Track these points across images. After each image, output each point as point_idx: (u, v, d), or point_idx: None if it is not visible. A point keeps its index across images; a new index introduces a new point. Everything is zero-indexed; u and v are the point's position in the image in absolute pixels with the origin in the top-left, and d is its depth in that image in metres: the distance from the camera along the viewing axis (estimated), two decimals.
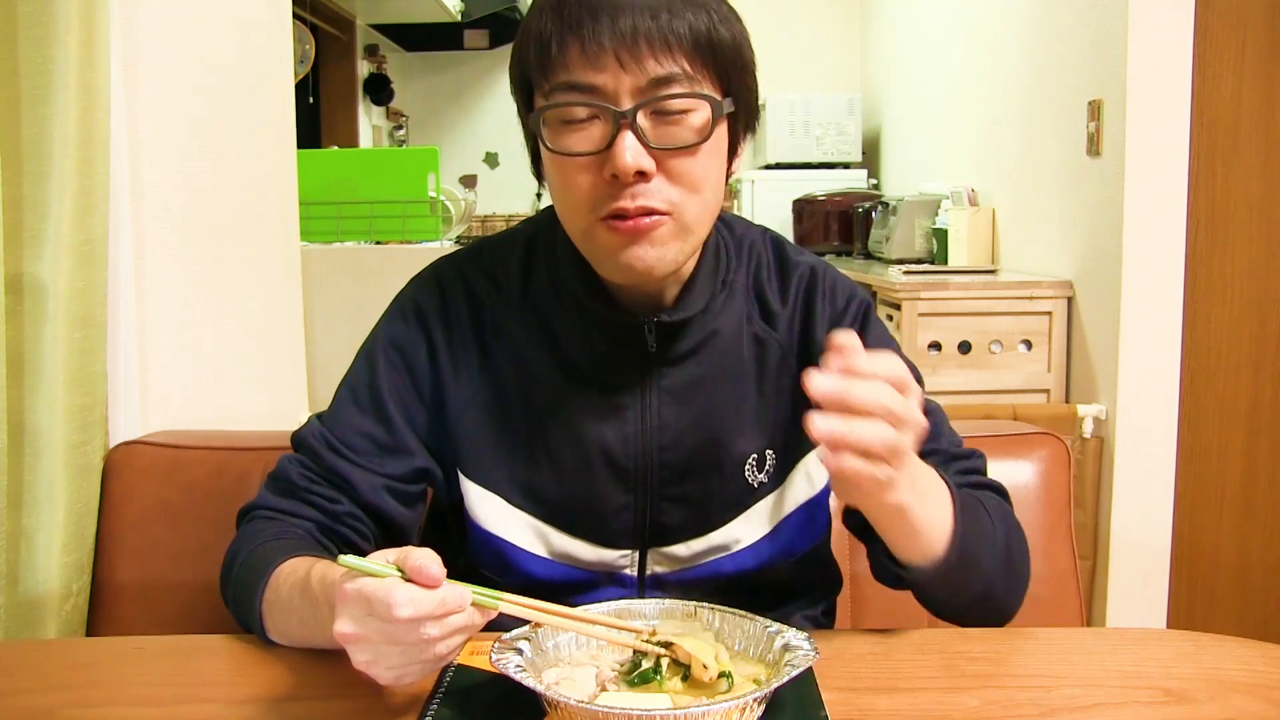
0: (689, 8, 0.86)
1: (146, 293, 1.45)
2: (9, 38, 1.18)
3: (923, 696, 0.79)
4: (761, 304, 1.00)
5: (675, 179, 0.87)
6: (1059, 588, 1.26)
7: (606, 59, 0.84)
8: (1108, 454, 2.38)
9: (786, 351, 1.00)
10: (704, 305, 0.96)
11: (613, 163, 0.84)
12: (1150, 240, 2.32)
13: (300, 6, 3.70)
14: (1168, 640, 0.92)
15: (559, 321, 0.98)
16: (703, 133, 0.87)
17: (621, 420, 0.96)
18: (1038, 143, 2.84)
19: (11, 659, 0.92)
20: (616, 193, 0.86)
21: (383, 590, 0.70)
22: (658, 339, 0.95)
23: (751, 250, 1.02)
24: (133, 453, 1.33)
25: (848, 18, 5.14)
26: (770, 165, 4.61)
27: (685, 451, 0.97)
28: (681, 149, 0.86)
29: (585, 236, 0.90)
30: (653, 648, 0.79)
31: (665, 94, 0.85)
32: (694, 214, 0.89)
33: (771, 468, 0.99)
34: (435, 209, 2.82)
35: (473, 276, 1.00)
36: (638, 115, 0.85)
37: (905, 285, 2.67)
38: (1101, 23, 2.42)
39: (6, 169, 1.17)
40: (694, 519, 0.98)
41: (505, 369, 0.98)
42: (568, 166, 0.87)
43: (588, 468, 0.96)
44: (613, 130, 0.85)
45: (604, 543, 0.98)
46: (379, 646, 0.72)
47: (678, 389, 0.97)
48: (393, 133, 5.16)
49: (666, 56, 0.84)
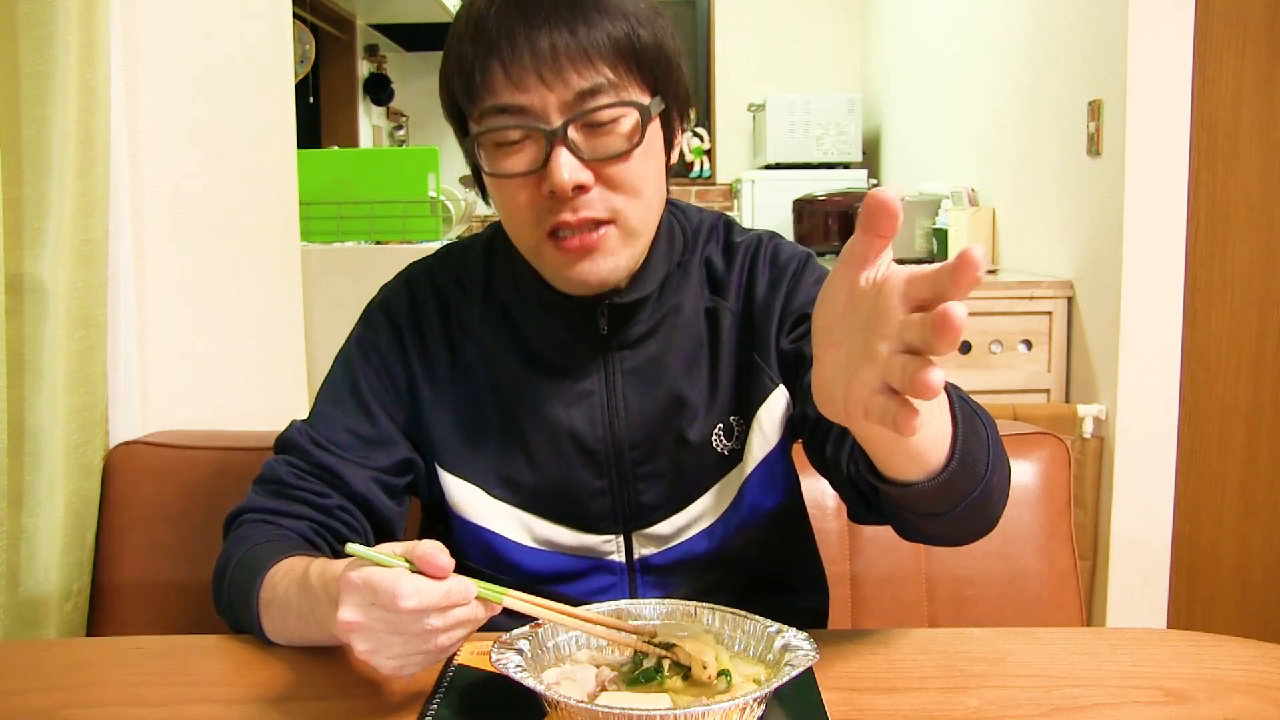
0: (605, 16, 0.87)
1: (146, 293, 1.45)
2: (9, 38, 1.18)
3: (923, 696, 0.79)
4: (711, 278, 1.03)
5: (614, 186, 0.89)
6: (1059, 588, 1.26)
7: (529, 79, 0.85)
8: (1108, 454, 2.38)
9: (736, 316, 1.02)
10: (658, 286, 0.99)
11: (550, 180, 0.86)
12: (1150, 240, 2.32)
13: (300, 6, 3.70)
14: (1168, 640, 0.92)
15: (520, 314, 1.01)
16: (633, 138, 0.88)
17: (587, 405, 0.99)
18: (1038, 143, 2.84)
19: (11, 659, 0.92)
20: (557, 207, 0.88)
21: (389, 580, 0.70)
22: (611, 321, 0.97)
23: (704, 232, 1.05)
24: (133, 453, 1.33)
25: (848, 18, 5.14)
26: (770, 165, 4.61)
27: (651, 430, 0.99)
28: (615, 157, 0.88)
29: (534, 253, 0.93)
30: (654, 648, 0.79)
31: (592, 106, 0.86)
32: (637, 217, 0.91)
33: (739, 434, 1.01)
34: (435, 209, 2.81)
35: (439, 278, 1.04)
36: (568, 130, 0.86)
37: None
38: (1101, 23, 2.42)
39: (6, 169, 1.17)
40: (669, 495, 1.00)
41: (474, 364, 1.01)
42: (507, 186, 0.90)
43: (560, 453, 0.99)
44: (546, 148, 0.86)
45: (586, 527, 1.00)
46: (381, 636, 0.72)
47: (638, 369, 0.99)
48: (393, 133, 5.16)
49: (588, 68, 0.86)
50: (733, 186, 5.02)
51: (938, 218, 3.46)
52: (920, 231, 3.49)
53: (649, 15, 0.90)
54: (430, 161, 2.84)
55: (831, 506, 1.29)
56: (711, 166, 5.30)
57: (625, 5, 0.88)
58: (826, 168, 4.55)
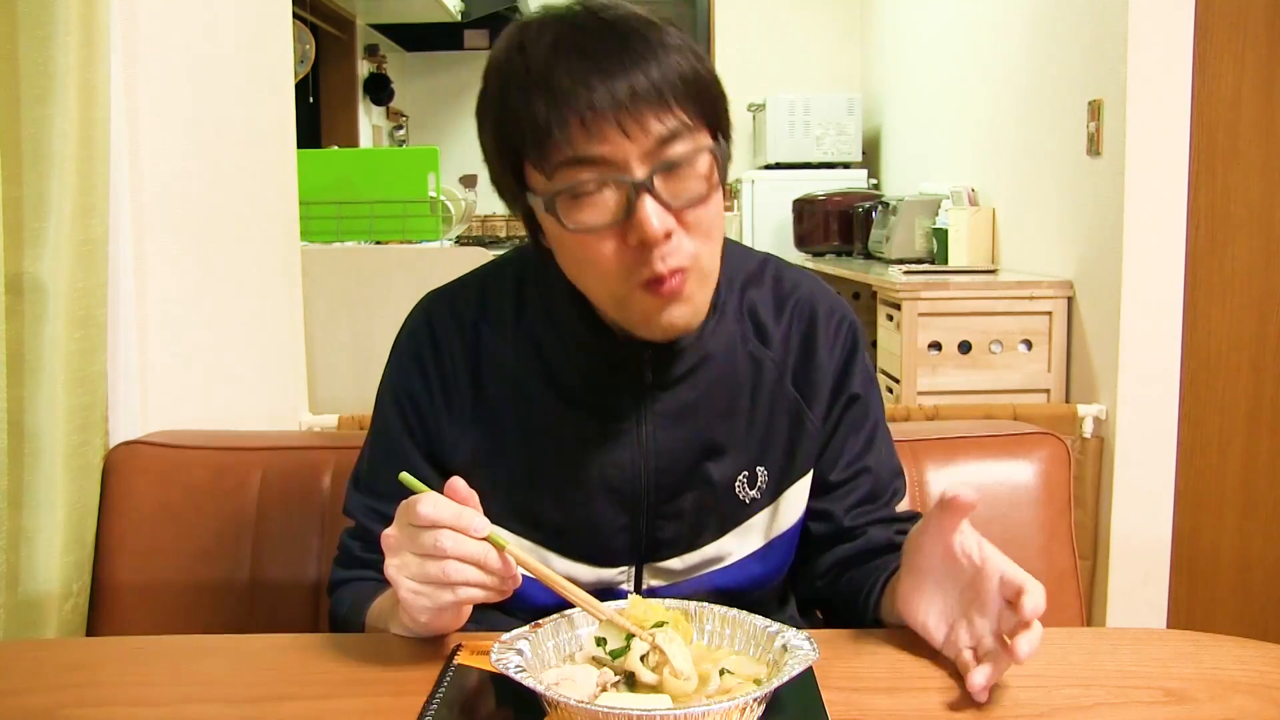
0: (672, 53, 0.84)
1: (146, 293, 1.45)
2: (9, 38, 1.18)
3: (923, 696, 0.79)
4: (756, 326, 1.02)
5: (692, 230, 0.87)
6: (1059, 588, 1.26)
7: (609, 129, 0.82)
8: (1108, 454, 2.38)
9: (782, 370, 1.01)
10: (698, 333, 0.96)
11: (639, 231, 0.83)
12: (1150, 240, 2.32)
13: (300, 6, 3.70)
14: (1168, 640, 0.92)
15: (553, 350, 0.99)
16: (711, 180, 0.87)
17: (619, 445, 0.98)
18: (1038, 143, 2.84)
19: (11, 659, 0.92)
20: (646, 257, 0.85)
21: (416, 498, 0.82)
22: (654, 364, 0.96)
23: (744, 277, 1.03)
24: (133, 453, 1.34)
25: (848, 18, 5.14)
26: (770, 165, 4.61)
27: (680, 471, 0.98)
28: (696, 202, 0.86)
29: (621, 304, 0.90)
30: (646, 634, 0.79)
31: (677, 153, 0.84)
32: (710, 260, 0.90)
33: (764, 485, 1.01)
34: (435, 209, 2.81)
35: (464, 310, 1.01)
36: (654, 179, 0.83)
37: (905, 285, 2.67)
38: (1101, 23, 2.42)
39: (6, 169, 1.17)
40: (687, 533, 1.00)
41: (501, 398, 0.99)
42: (590, 241, 0.86)
43: (586, 493, 0.98)
44: (630, 198, 0.83)
45: (602, 563, 1.00)
46: (404, 554, 0.82)
47: (672, 412, 0.98)
48: (393, 133, 5.16)
49: (666, 112, 0.83)
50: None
51: (938, 218, 3.46)
52: (920, 231, 3.49)
53: (701, 52, 0.88)
54: (430, 161, 2.84)
55: None
56: None
57: (684, 44, 0.86)
58: (826, 168, 4.55)
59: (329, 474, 1.32)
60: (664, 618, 0.80)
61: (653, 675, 0.77)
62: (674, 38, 0.86)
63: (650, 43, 0.83)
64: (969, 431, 1.35)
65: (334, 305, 2.48)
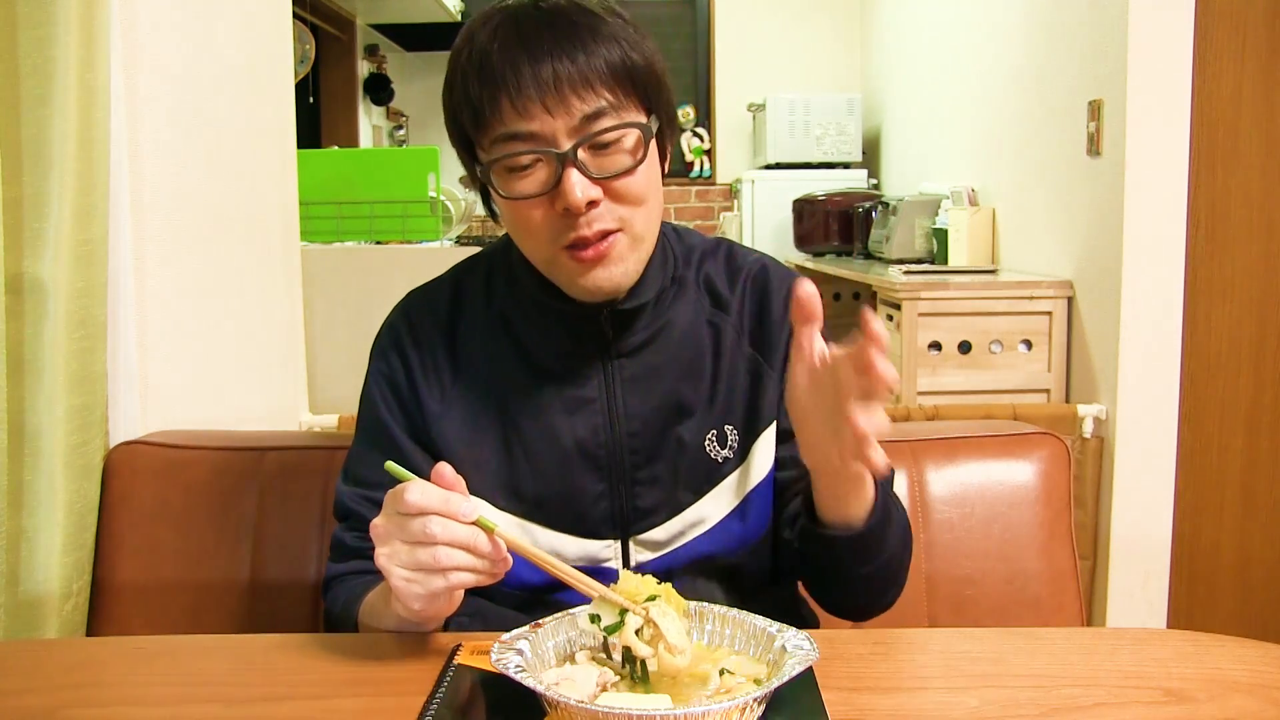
0: (602, 43, 0.93)
1: (146, 293, 1.45)
2: (9, 38, 1.18)
3: (923, 696, 0.79)
4: (713, 295, 1.08)
5: (620, 199, 0.95)
6: (1059, 588, 1.26)
7: (535, 108, 0.91)
8: (1108, 454, 2.38)
9: (739, 332, 1.07)
10: (654, 296, 1.04)
11: (563, 199, 0.92)
12: (1150, 240, 2.32)
13: (300, 6, 3.70)
14: (1168, 640, 0.92)
15: (522, 325, 1.05)
16: (636, 154, 0.95)
17: (590, 412, 1.03)
18: (1038, 143, 2.84)
19: (11, 659, 0.92)
20: (571, 223, 0.94)
21: (403, 486, 0.84)
22: (613, 327, 1.02)
23: (700, 253, 1.10)
24: (133, 453, 1.34)
25: (848, 18, 5.15)
26: (770, 165, 4.61)
27: (651, 435, 1.03)
28: (622, 173, 0.94)
29: (550, 265, 0.98)
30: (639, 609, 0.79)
31: (598, 128, 0.93)
32: (642, 223, 0.97)
33: (734, 444, 1.05)
34: (435, 209, 2.81)
35: (438, 301, 1.08)
36: (577, 152, 0.92)
37: (905, 285, 2.67)
38: (1101, 23, 2.42)
39: (6, 169, 1.17)
40: (665, 499, 1.03)
41: (477, 377, 1.05)
42: (521, 207, 0.95)
43: (563, 460, 1.02)
44: (557, 170, 0.92)
45: (586, 533, 1.03)
46: (394, 543, 0.83)
47: (638, 378, 1.04)
48: (393, 133, 5.16)
49: (590, 93, 0.92)
50: (733, 186, 5.03)
51: (938, 218, 3.46)
52: (920, 231, 3.49)
53: (639, 38, 0.96)
54: (430, 161, 2.84)
55: None
56: (711, 166, 5.30)
57: (618, 32, 0.94)
58: (826, 168, 4.55)
59: (329, 474, 1.32)
60: (656, 591, 0.80)
61: (648, 649, 0.77)
62: (610, 27, 0.94)
63: (579, 29, 0.92)
64: (969, 431, 1.35)
65: (334, 305, 2.48)
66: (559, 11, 0.94)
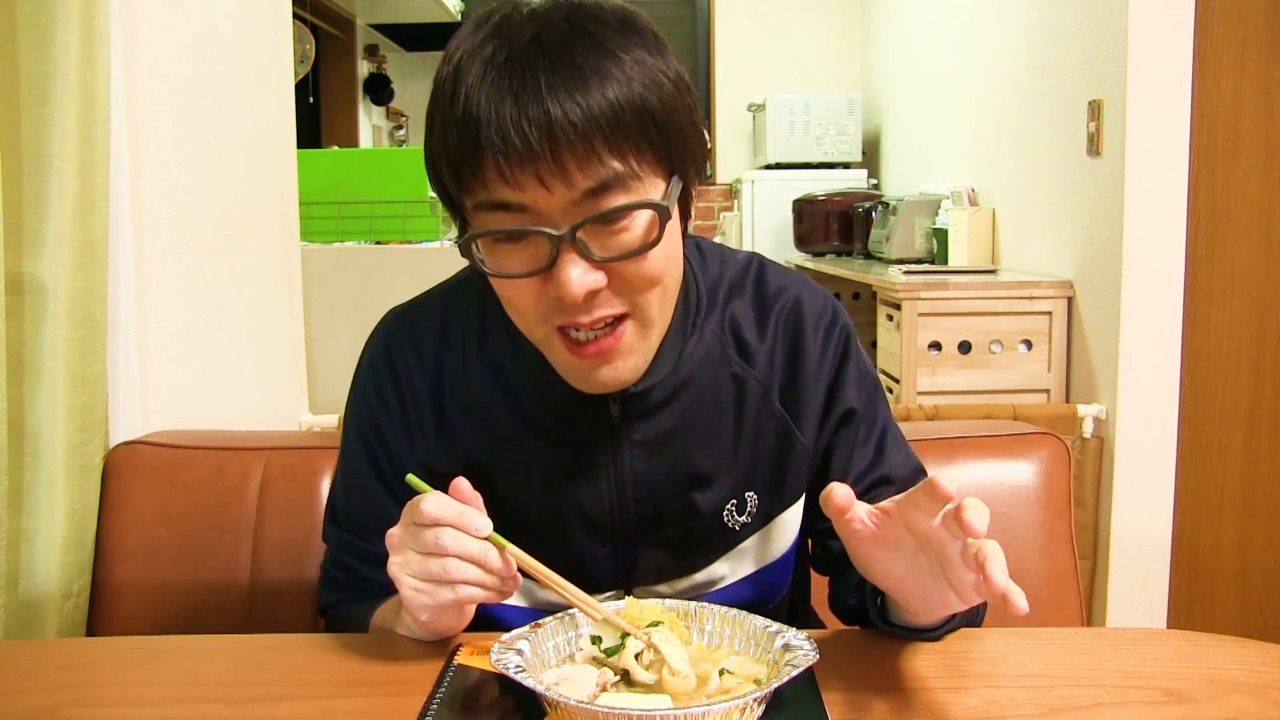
0: (611, 86, 0.75)
1: (146, 293, 1.45)
2: (9, 38, 1.18)
3: (923, 696, 0.79)
4: (739, 342, 0.95)
5: (629, 282, 0.81)
6: (1059, 588, 1.26)
7: (526, 178, 0.75)
8: (1108, 454, 2.38)
9: (768, 388, 0.95)
10: (672, 364, 0.92)
11: (558, 288, 0.78)
12: (1150, 240, 2.32)
13: (300, 6, 3.70)
14: (1168, 640, 0.92)
15: (519, 378, 0.93)
16: (649, 236, 0.79)
17: (593, 478, 0.93)
18: (1038, 143, 2.84)
19: (11, 659, 0.92)
20: (567, 308, 0.80)
21: (420, 497, 0.82)
22: (621, 403, 0.91)
23: (728, 288, 0.96)
24: (133, 453, 1.34)
25: (848, 18, 5.14)
26: (770, 165, 4.61)
27: (661, 501, 0.94)
28: (631, 255, 0.79)
29: (544, 345, 0.86)
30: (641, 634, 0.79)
31: (604, 210, 0.77)
32: (655, 307, 0.84)
33: (754, 509, 0.96)
34: (435, 209, 2.81)
35: (424, 337, 0.96)
36: (575, 234, 0.77)
37: (905, 285, 2.67)
38: (1101, 23, 2.42)
39: (6, 169, 1.17)
40: (675, 562, 0.97)
41: (466, 429, 0.95)
42: (508, 285, 0.82)
43: (562, 526, 0.94)
44: (552, 251, 0.77)
45: (589, 589, 0.91)
46: (407, 551, 0.82)
47: (650, 441, 0.93)
48: (393, 133, 5.16)
49: (592, 160, 0.75)
50: (733, 186, 5.02)
51: (938, 218, 3.46)
52: (920, 231, 3.49)
53: (660, 72, 0.78)
54: None
55: None
56: (711, 166, 5.30)
57: (626, 68, 0.76)
58: (826, 168, 4.55)
59: (329, 474, 1.32)
60: (660, 618, 0.80)
61: (648, 674, 0.77)
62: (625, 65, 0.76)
63: (584, 72, 0.74)
64: (969, 431, 1.35)
65: (334, 305, 2.48)
66: (562, 45, 0.75)
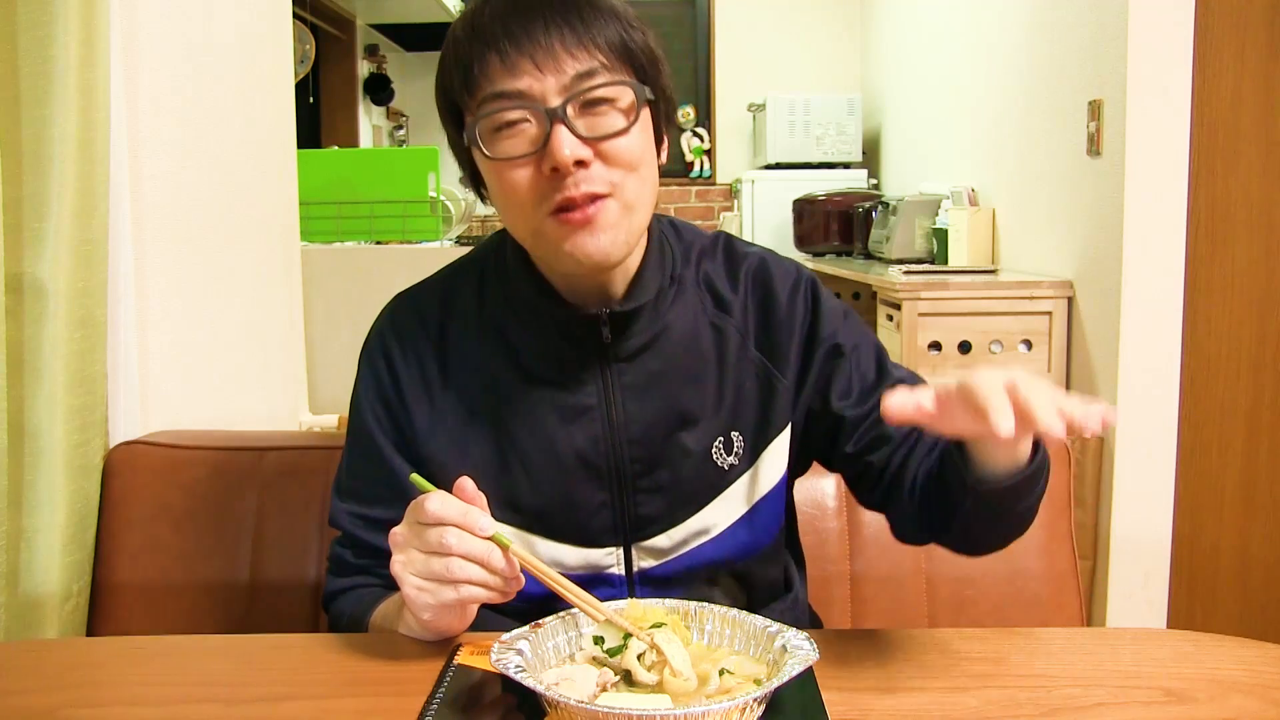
0: (599, 16, 0.91)
1: (146, 293, 1.45)
2: (9, 38, 1.18)
3: (923, 696, 0.79)
4: (714, 296, 1.04)
5: (612, 162, 0.91)
6: (1059, 588, 1.26)
7: (526, 65, 0.89)
8: (1108, 454, 2.38)
9: (745, 335, 1.03)
10: (653, 296, 1.00)
11: (551, 157, 0.89)
12: (1150, 240, 2.32)
13: (300, 6, 3.70)
14: (1168, 640, 0.92)
15: (516, 332, 1.01)
16: (630, 115, 0.92)
17: (588, 420, 0.99)
18: (1038, 143, 2.84)
19: (11, 659, 0.92)
20: (559, 184, 0.90)
21: (425, 496, 0.85)
22: (611, 330, 0.98)
23: (699, 250, 1.06)
24: (133, 453, 1.34)
25: (848, 18, 5.15)
26: (770, 165, 4.61)
27: (653, 443, 0.99)
28: (613, 134, 0.91)
29: (535, 234, 0.94)
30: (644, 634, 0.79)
31: (590, 85, 0.90)
32: (634, 191, 0.93)
33: (741, 450, 1.02)
34: (435, 209, 2.81)
35: (427, 307, 1.05)
36: (566, 109, 0.89)
37: (905, 285, 2.67)
38: (1101, 23, 2.42)
39: (6, 169, 1.17)
40: (669, 507, 1.00)
41: (470, 387, 1.01)
42: (507, 169, 0.92)
43: (562, 470, 0.99)
44: (545, 128, 0.89)
45: (587, 543, 1.00)
46: (410, 550, 0.85)
47: (638, 384, 1.00)
48: (393, 133, 5.16)
49: (584, 55, 0.90)
50: (733, 186, 5.02)
51: (938, 218, 3.46)
52: (920, 231, 3.49)
53: (638, 22, 0.95)
54: (430, 161, 2.84)
55: (832, 506, 1.29)
56: (711, 166, 5.30)
57: (618, 9, 0.93)
58: (826, 168, 4.56)
59: (329, 474, 1.31)
60: (662, 619, 0.81)
61: (650, 675, 0.77)
62: (611, 5, 0.93)
63: (581, 5, 0.91)
64: None
65: (334, 305, 2.48)
66: None
